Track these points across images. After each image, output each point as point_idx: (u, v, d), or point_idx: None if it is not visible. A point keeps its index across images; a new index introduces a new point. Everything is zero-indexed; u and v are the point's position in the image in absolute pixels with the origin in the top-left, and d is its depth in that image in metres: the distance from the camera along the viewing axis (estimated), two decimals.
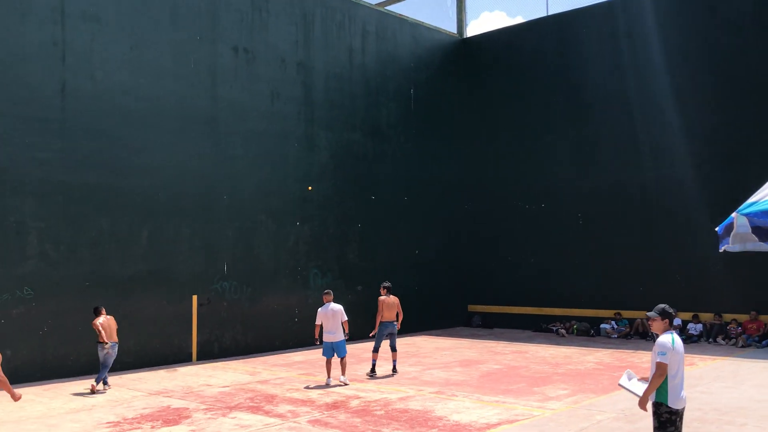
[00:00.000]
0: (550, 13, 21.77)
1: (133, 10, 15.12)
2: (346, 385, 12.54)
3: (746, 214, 4.79)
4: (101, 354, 12.18)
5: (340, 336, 12.69)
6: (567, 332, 19.66)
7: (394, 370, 13.70)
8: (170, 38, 15.69)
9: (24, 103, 13.44)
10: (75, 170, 14.04)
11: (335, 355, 12.70)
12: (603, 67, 20.27)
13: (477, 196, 22.73)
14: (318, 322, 12.73)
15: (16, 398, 8.27)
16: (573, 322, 19.95)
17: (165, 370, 14.50)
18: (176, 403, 11.12)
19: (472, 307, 22.69)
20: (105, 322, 12.29)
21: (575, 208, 20.56)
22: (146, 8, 15.33)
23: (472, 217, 22.76)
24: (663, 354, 6.21)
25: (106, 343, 12.15)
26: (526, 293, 21.39)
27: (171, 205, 15.49)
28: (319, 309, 12.86)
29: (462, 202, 22.78)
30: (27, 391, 12.24)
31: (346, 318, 12.94)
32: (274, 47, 17.77)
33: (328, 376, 12.69)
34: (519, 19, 23.67)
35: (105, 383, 12.34)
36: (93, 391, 11.98)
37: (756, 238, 4.78)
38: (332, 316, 12.71)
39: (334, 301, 13.04)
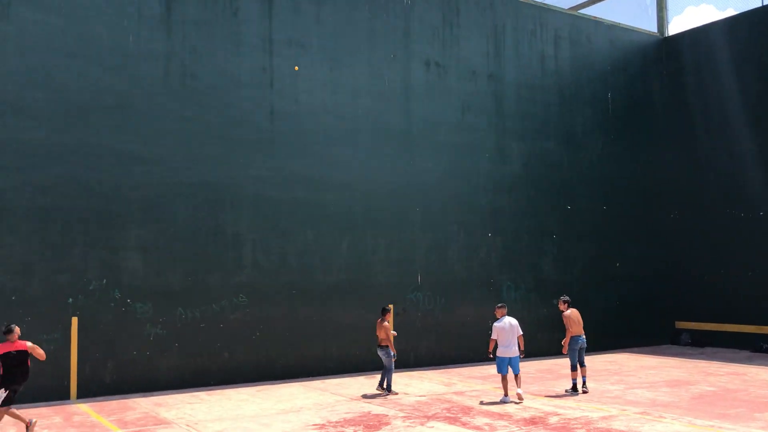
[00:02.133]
0: (766, 2, 19.82)
1: (334, 33, 15.99)
2: (521, 401, 12.09)
3: None
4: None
5: (516, 351, 12.31)
6: None
7: (584, 386, 12.96)
8: (367, 58, 16.38)
9: (238, 125, 14.69)
10: (283, 186, 15.07)
11: (510, 370, 12.31)
12: None
13: (683, 203, 21.18)
14: (494, 336, 12.39)
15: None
16: None
17: (364, 376, 15.02)
18: (376, 410, 11.46)
19: (679, 324, 21.11)
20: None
21: None
22: (345, 31, 16.15)
23: (679, 226, 21.22)
24: None
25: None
26: (743, 309, 19.48)
27: (367, 217, 16.10)
28: (495, 323, 12.50)
29: (666, 210, 21.34)
30: (241, 392, 13.28)
31: (522, 333, 12.55)
32: (466, 60, 17.89)
33: (505, 394, 12.23)
34: (730, 12, 21.76)
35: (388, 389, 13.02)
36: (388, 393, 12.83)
37: None
38: (509, 329, 12.36)
39: (514, 316, 12.74)
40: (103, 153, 13.32)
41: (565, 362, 16.91)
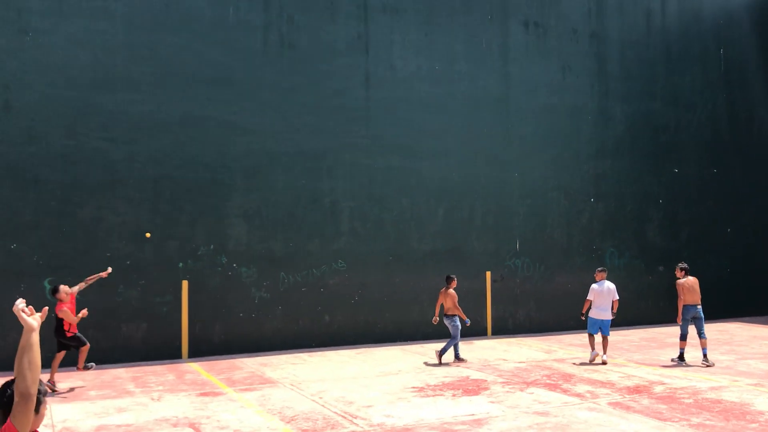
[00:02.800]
0: None
1: None
2: (604, 363, 12.25)
3: None
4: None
5: (608, 315, 12.40)
6: None
7: (705, 358, 12.39)
8: (463, 21, 16.10)
9: (335, 94, 14.84)
10: (379, 154, 15.16)
11: (600, 332, 12.43)
12: None
13: None
14: (590, 297, 12.52)
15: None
16: None
17: (463, 342, 15.01)
18: (474, 375, 11.47)
19: None
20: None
21: None
22: None
23: None
24: None
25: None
26: None
27: (464, 184, 15.96)
28: (594, 285, 12.59)
29: None
30: (342, 354, 13.62)
31: (618, 297, 12.56)
32: (566, 18, 17.28)
33: (593, 349, 12.48)
34: None
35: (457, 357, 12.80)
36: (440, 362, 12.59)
37: None
38: (607, 293, 12.42)
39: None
40: (207, 125, 13.80)
41: (670, 331, 16.36)
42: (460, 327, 12.70)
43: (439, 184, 15.75)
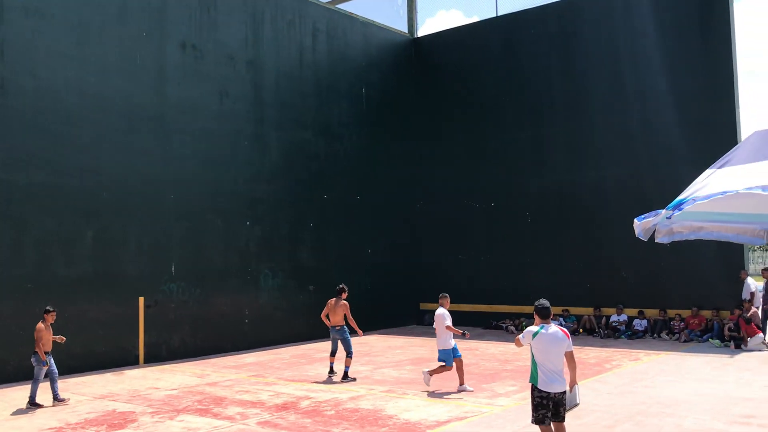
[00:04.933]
0: (499, 13, 22.00)
1: (80, 4, 14.74)
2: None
3: (672, 209, 4.98)
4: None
5: (442, 343, 11.91)
6: (517, 329, 19.92)
7: (346, 375, 12.98)
8: (117, 34, 15.36)
9: None
10: (17, 169, 13.61)
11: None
12: (551, 68, 20.59)
13: (430, 194, 22.87)
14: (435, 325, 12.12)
15: None
16: (523, 319, 20.20)
17: (112, 373, 14.20)
18: (122, 407, 10.89)
19: (424, 305, 22.79)
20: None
21: (525, 207, 20.86)
22: (93, 3, 14.96)
23: (425, 215, 22.88)
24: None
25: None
26: (477, 291, 21.59)
27: (117, 204, 15.15)
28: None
29: (415, 200, 22.89)
30: None
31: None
32: (224, 45, 17.55)
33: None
34: (474, 18, 23.86)
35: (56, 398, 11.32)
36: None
37: (682, 230, 4.98)
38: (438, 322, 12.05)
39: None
40: None
41: (320, 346, 17.50)
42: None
43: (89, 204, 14.70)
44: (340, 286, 13.50)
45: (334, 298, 13.34)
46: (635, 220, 5.37)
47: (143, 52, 15.83)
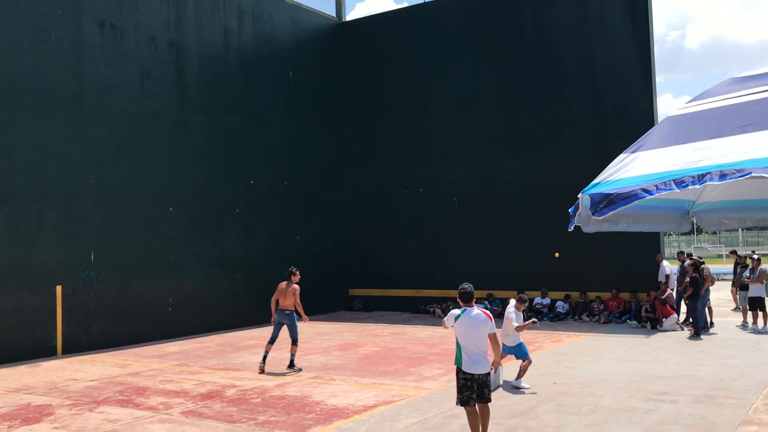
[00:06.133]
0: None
1: None
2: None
3: (590, 194, 5.09)
4: None
5: (513, 340, 10.74)
6: (444, 313, 20.19)
7: (291, 364, 12.58)
8: (29, 10, 14.61)
9: None
10: None
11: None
12: (478, 56, 20.82)
13: (357, 180, 22.84)
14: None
15: None
16: (449, 303, 20.48)
17: (27, 365, 13.61)
18: (38, 400, 10.46)
19: (353, 291, 22.84)
20: None
21: (451, 193, 21.10)
22: None
23: (354, 202, 22.85)
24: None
25: None
26: (405, 276, 21.77)
27: (31, 189, 14.49)
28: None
29: (343, 186, 22.80)
30: None
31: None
32: (144, 25, 16.96)
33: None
34: (404, 5, 23.86)
35: None
36: None
37: (600, 219, 5.10)
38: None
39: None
40: None
41: (245, 334, 17.28)
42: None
43: (1, 188, 14.00)
44: (291, 269, 12.65)
45: (285, 282, 12.58)
46: (570, 211, 5.47)
47: (59, 30, 15.13)
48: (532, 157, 19.76)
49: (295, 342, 12.49)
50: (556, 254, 18.91)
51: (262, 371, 12.22)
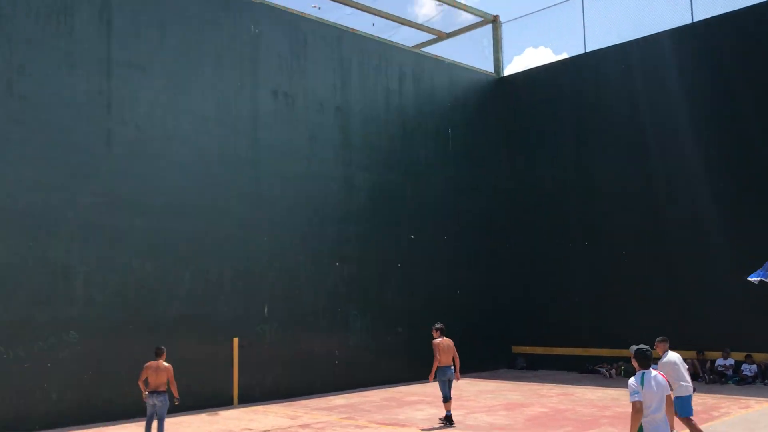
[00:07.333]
0: (588, 50, 21.70)
1: (177, 59, 15.50)
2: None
3: None
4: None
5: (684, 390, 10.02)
6: (614, 374, 19.11)
7: (450, 420, 12.63)
8: (213, 84, 16.06)
9: (71, 150, 13.78)
10: (115, 214, 14.25)
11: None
12: (642, 104, 20.05)
13: (519, 234, 22.49)
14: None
15: None
16: (620, 363, 19.32)
17: (206, 413, 14.47)
18: None
19: (516, 349, 22.27)
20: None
21: (620, 246, 20.14)
22: (190, 57, 15.72)
23: (515, 256, 22.48)
24: (630, 394, 6.66)
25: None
26: (571, 334, 20.90)
27: (213, 247, 15.64)
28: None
29: (503, 241, 22.54)
30: None
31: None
32: (313, 92, 18.05)
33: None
34: (564, 56, 23.69)
35: None
36: None
37: None
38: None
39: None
40: None
41: (409, 389, 17.31)
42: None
43: (187, 246, 15.24)
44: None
45: (443, 338, 12.70)
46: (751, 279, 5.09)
47: (238, 100, 16.48)
48: (694, 207, 18.49)
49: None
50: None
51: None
